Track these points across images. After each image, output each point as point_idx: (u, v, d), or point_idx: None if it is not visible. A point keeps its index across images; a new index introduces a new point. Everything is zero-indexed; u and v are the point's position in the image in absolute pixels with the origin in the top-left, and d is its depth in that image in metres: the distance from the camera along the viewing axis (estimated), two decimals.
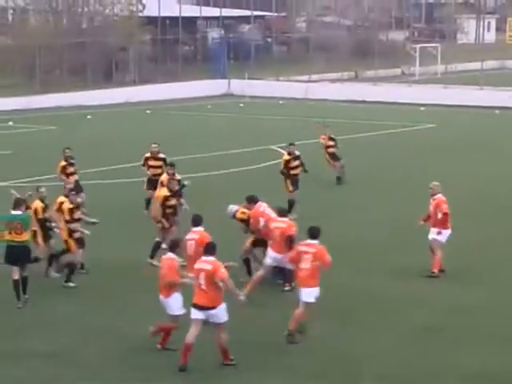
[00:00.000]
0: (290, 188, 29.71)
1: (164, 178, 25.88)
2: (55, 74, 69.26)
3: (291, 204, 29.00)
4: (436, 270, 23.06)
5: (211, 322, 17.25)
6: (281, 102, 65.73)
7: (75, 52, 69.97)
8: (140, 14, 74.56)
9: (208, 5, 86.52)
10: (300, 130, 48.12)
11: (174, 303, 18.06)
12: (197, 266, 17.47)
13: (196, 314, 17.23)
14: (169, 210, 23.69)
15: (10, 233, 21.26)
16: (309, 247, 18.60)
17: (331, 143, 35.51)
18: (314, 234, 18.75)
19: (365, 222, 28.58)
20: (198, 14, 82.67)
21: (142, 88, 68.62)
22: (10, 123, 53.03)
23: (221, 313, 17.20)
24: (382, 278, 22.99)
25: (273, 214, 22.03)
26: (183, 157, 30.85)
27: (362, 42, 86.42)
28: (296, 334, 18.47)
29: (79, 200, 23.95)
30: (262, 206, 22.61)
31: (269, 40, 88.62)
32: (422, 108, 61.73)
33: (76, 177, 28.44)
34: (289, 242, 20.56)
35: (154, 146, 30.17)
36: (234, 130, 51.44)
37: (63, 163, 28.66)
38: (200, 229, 20.08)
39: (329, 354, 18.11)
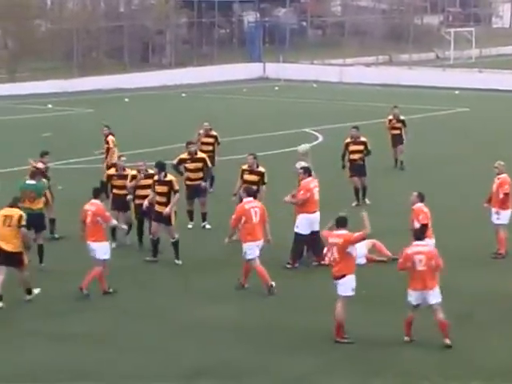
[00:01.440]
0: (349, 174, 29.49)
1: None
2: (93, 58, 69.53)
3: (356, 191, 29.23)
4: (503, 251, 23.00)
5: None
6: (315, 86, 65.77)
7: (113, 35, 70.36)
8: None
9: None
10: (334, 113, 48.29)
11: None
12: (330, 240, 18.07)
13: None
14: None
15: (25, 201, 21.81)
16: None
17: (398, 125, 35.30)
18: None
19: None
20: None
21: (177, 71, 68.76)
22: (49, 106, 53.39)
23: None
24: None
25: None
26: (220, 139, 30.95)
27: (396, 25, 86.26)
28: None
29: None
30: (314, 183, 22.75)
31: (304, 24, 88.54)
32: (457, 92, 61.60)
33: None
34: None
35: (205, 124, 30.77)
36: (270, 114, 51.54)
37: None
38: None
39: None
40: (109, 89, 61.31)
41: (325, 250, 19.31)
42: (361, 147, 29.44)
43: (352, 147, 29.61)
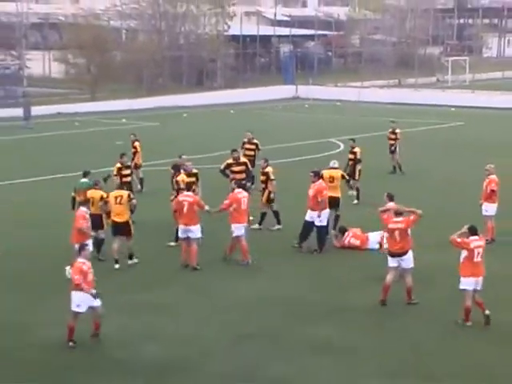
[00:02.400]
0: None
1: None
2: (158, 81, 69.72)
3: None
4: (489, 238, 22.32)
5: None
6: (338, 104, 65.63)
7: (174, 63, 70.52)
8: (226, 33, 74.64)
9: (280, 25, 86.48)
10: (353, 126, 48.13)
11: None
12: (390, 226, 18.34)
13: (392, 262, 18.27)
14: None
15: (80, 196, 21.61)
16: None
17: (392, 136, 34.81)
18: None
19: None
20: (273, 33, 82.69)
21: (226, 92, 68.79)
22: (124, 120, 53.63)
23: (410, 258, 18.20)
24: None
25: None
26: (263, 147, 31.07)
27: (404, 55, 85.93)
28: None
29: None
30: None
31: (329, 54, 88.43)
32: (453, 109, 61.29)
33: None
34: None
35: (248, 133, 30.83)
36: (301, 126, 51.50)
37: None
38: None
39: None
40: (170, 106, 61.41)
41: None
42: (351, 156, 29.34)
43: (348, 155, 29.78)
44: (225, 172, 26.47)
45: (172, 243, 22.88)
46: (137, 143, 30.86)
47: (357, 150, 29.22)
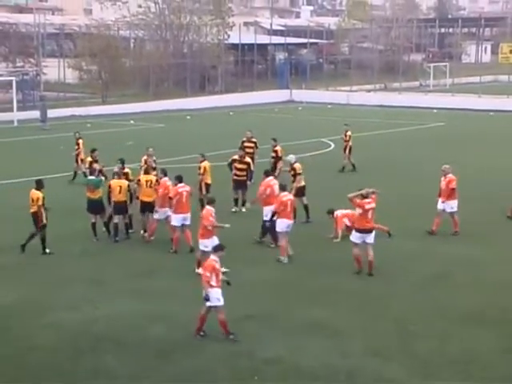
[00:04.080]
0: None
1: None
2: (164, 86, 69.78)
3: None
4: (457, 230, 22.88)
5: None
6: (329, 107, 65.68)
7: (178, 69, 70.57)
8: (226, 42, 74.67)
9: (276, 34, 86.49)
10: (343, 127, 48.08)
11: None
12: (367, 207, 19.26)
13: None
14: None
15: (88, 191, 22.75)
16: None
17: (346, 138, 34.43)
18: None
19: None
20: (269, 42, 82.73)
21: (226, 96, 68.90)
22: (132, 122, 53.69)
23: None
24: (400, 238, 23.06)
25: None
26: (260, 146, 31.12)
27: (389, 61, 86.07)
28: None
29: None
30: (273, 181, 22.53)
31: (320, 60, 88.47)
32: (435, 111, 61.35)
33: None
34: None
35: (248, 132, 30.89)
36: (295, 127, 51.53)
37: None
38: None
39: (364, 296, 18.32)
40: (175, 109, 61.53)
41: None
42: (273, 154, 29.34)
43: None
44: (230, 166, 26.81)
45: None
46: (80, 140, 31.44)
47: (278, 148, 28.95)
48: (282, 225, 20.58)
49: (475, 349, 15.13)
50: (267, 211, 21.72)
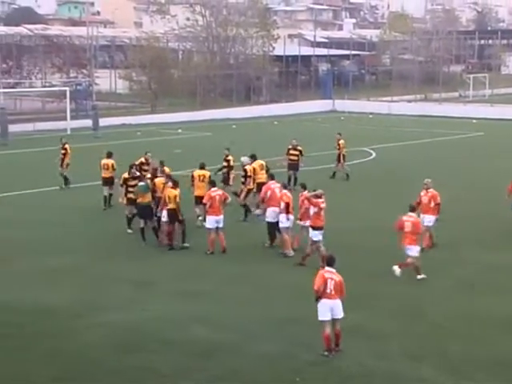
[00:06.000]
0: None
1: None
2: (210, 96, 69.99)
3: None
4: (425, 246, 21.48)
5: None
6: (371, 116, 65.43)
7: (225, 80, 70.77)
8: (270, 54, 74.80)
9: (319, 46, 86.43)
10: (384, 136, 47.99)
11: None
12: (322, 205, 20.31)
13: None
14: None
15: (139, 197, 22.99)
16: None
17: (338, 146, 34.23)
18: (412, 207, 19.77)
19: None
20: (312, 53, 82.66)
21: (271, 106, 68.95)
22: (179, 130, 53.98)
23: None
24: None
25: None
26: (305, 154, 31.36)
27: (430, 72, 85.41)
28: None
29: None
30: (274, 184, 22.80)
31: (362, 71, 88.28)
32: (474, 121, 60.80)
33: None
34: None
35: (293, 140, 31.20)
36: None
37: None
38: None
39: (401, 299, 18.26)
40: (221, 118, 61.71)
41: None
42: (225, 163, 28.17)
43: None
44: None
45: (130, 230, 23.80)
46: (67, 145, 31.66)
47: (230, 158, 27.88)
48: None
49: (509, 352, 15.06)
50: (270, 212, 22.22)
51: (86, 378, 14.09)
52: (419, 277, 19.39)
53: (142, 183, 23.26)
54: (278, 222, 21.88)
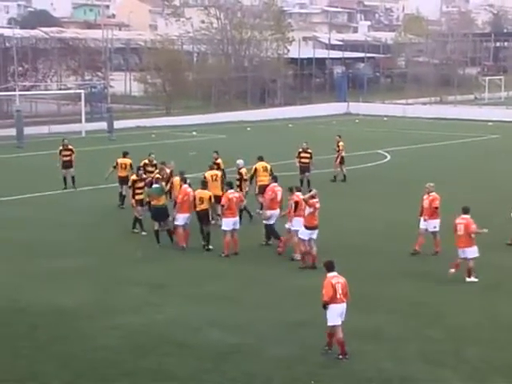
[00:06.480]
0: None
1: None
2: (225, 99, 70.04)
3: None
4: (438, 250, 21.68)
5: None
6: (385, 119, 65.26)
7: (239, 83, 70.75)
8: (285, 56, 74.74)
9: (334, 49, 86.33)
10: (399, 139, 47.83)
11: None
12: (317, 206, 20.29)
13: None
14: None
15: (154, 199, 22.86)
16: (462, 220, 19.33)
17: (337, 149, 34.25)
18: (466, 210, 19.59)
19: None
20: (327, 56, 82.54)
21: (285, 109, 68.88)
22: (194, 133, 53.99)
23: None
24: None
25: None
26: (319, 157, 31.31)
27: (445, 75, 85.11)
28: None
29: None
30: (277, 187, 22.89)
31: (377, 74, 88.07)
32: (490, 123, 60.51)
33: None
34: None
35: (304, 143, 31.29)
36: (352, 139, 51.06)
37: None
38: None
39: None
40: (236, 121, 61.71)
41: None
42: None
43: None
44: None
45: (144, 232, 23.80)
46: (70, 146, 32.32)
47: (219, 161, 26.88)
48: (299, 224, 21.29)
49: None
50: (270, 214, 22.36)
51: (101, 380, 14.01)
52: (468, 279, 19.28)
53: (156, 185, 23.12)
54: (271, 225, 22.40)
